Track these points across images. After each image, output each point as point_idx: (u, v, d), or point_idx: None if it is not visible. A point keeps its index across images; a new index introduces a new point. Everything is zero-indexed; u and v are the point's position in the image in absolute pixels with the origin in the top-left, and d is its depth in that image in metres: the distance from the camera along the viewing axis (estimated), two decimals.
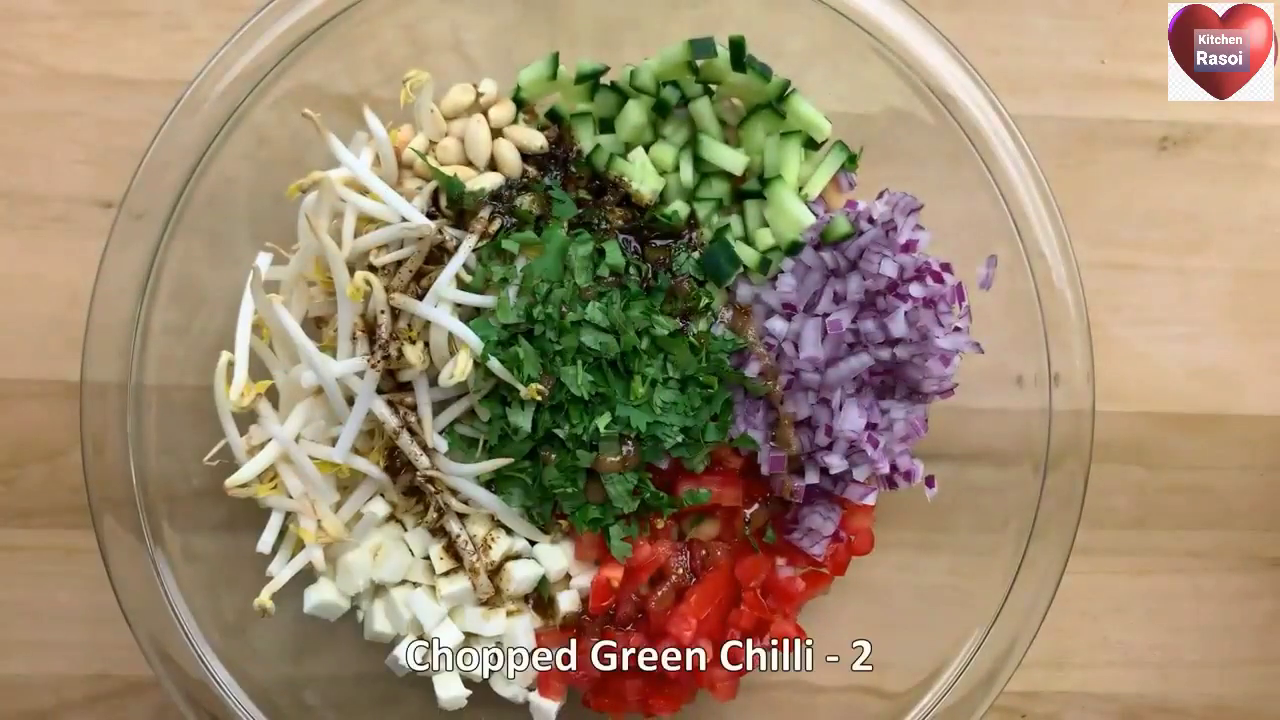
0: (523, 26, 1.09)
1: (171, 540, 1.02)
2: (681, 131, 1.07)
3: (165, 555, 1.02)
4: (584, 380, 1.00)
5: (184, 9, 1.14)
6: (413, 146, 1.04)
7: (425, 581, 1.05)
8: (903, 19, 1.02)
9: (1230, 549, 1.21)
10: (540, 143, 1.05)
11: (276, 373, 1.03)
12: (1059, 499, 1.04)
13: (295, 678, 1.09)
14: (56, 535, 1.14)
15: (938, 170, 1.05)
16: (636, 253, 1.05)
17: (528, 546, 1.06)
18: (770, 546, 1.08)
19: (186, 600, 1.02)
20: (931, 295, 1.00)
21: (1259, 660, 1.21)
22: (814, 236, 1.04)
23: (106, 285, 1.00)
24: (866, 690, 1.12)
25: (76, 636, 1.15)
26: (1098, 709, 1.21)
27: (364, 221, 1.02)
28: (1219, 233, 1.20)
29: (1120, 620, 1.21)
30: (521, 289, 1.01)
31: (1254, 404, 1.20)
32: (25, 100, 1.14)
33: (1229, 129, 1.19)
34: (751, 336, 1.04)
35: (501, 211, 1.03)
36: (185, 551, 1.03)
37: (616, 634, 1.05)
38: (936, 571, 1.12)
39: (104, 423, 1.00)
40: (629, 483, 1.02)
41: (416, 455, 1.01)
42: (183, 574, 1.02)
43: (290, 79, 1.02)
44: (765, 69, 1.02)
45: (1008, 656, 1.04)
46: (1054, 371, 1.03)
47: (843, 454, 1.03)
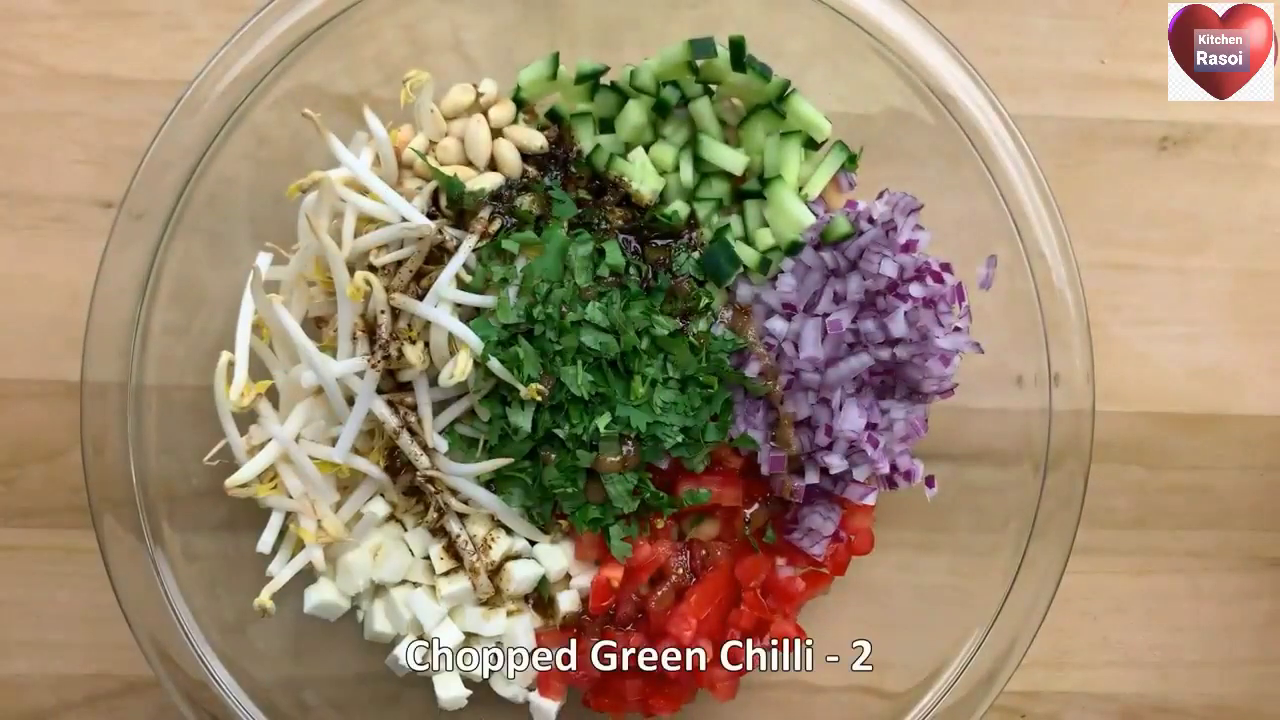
0: (523, 26, 1.09)
1: (171, 540, 1.02)
2: (681, 131, 1.07)
3: (165, 555, 1.02)
4: (584, 380, 1.00)
5: (184, 9, 1.14)
6: (413, 146, 1.04)
7: (425, 581, 1.05)
8: (903, 19, 1.02)
9: (1230, 549, 1.21)
10: (540, 143, 1.05)
11: (276, 373, 1.03)
12: (1059, 499, 1.04)
13: (295, 678, 1.09)
14: (56, 535, 1.14)
15: (938, 170, 1.05)
16: (636, 253, 1.05)
17: (528, 546, 1.06)
18: (770, 546, 1.08)
19: (186, 600, 1.02)
20: (931, 295, 1.00)
21: (1259, 660, 1.21)
22: (814, 236, 1.04)
23: (106, 285, 1.00)
24: (866, 690, 1.12)
25: (76, 636, 1.15)
26: (1098, 709, 1.21)
27: (364, 221, 1.02)
28: (1219, 233, 1.20)
29: (1120, 620, 1.21)
30: (521, 289, 1.01)
31: (1254, 404, 1.20)
32: (25, 100, 1.14)
33: (1229, 129, 1.19)
34: (751, 336, 1.04)
35: (501, 211, 1.03)
36: (185, 551, 1.03)
37: (616, 634, 1.05)
38: (936, 571, 1.12)
39: (104, 423, 1.00)
40: (629, 483, 1.02)
41: (416, 455, 1.01)
42: (183, 574, 1.02)
43: (290, 79, 1.02)
44: (765, 69, 1.02)
45: (1008, 656, 1.04)
46: (1054, 371, 1.03)
47: (843, 454, 1.04)
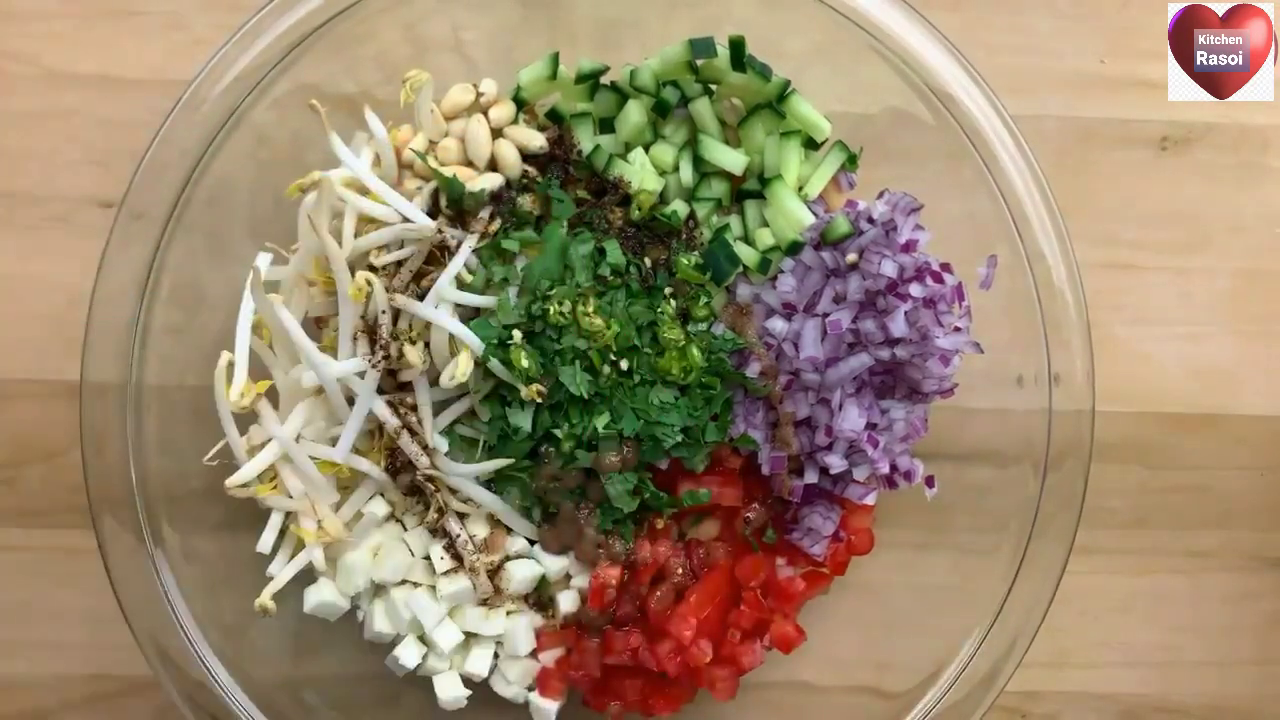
0: (523, 26, 1.09)
1: (171, 540, 1.02)
2: (681, 131, 1.07)
3: (165, 555, 1.02)
4: (583, 380, 1.00)
5: (184, 9, 1.14)
6: (413, 147, 1.04)
7: (425, 581, 1.05)
8: (902, 19, 1.02)
9: (1230, 549, 1.21)
10: (540, 143, 1.05)
11: (276, 373, 1.03)
12: (1059, 499, 1.04)
13: (295, 678, 1.09)
14: (56, 535, 1.14)
15: (938, 170, 1.05)
16: (636, 252, 1.05)
17: (527, 546, 1.06)
18: (770, 546, 1.08)
19: (186, 600, 1.02)
20: (931, 295, 1.00)
21: (1259, 660, 1.21)
22: (814, 236, 1.04)
23: (106, 285, 1.00)
24: (866, 690, 1.12)
25: (76, 636, 1.15)
26: (1098, 709, 1.21)
27: (363, 221, 1.02)
28: (1219, 233, 1.20)
29: (1120, 620, 1.21)
30: (522, 288, 1.01)
31: (1253, 404, 1.20)
32: (25, 100, 1.14)
33: (1229, 129, 1.19)
34: (751, 336, 1.04)
35: (501, 211, 1.03)
36: (185, 551, 1.03)
37: (616, 634, 1.05)
38: (936, 571, 1.12)
39: (104, 423, 1.00)
40: (629, 483, 1.02)
41: (417, 455, 1.01)
42: (183, 574, 1.02)
43: (290, 79, 1.02)
44: (765, 69, 1.02)
45: (1008, 656, 1.04)
46: (1054, 371, 1.03)
47: (843, 454, 1.04)
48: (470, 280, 1.01)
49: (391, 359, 0.99)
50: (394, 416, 1.01)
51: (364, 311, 1.00)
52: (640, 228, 1.05)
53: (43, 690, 1.16)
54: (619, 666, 1.05)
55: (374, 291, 0.98)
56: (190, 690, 1.02)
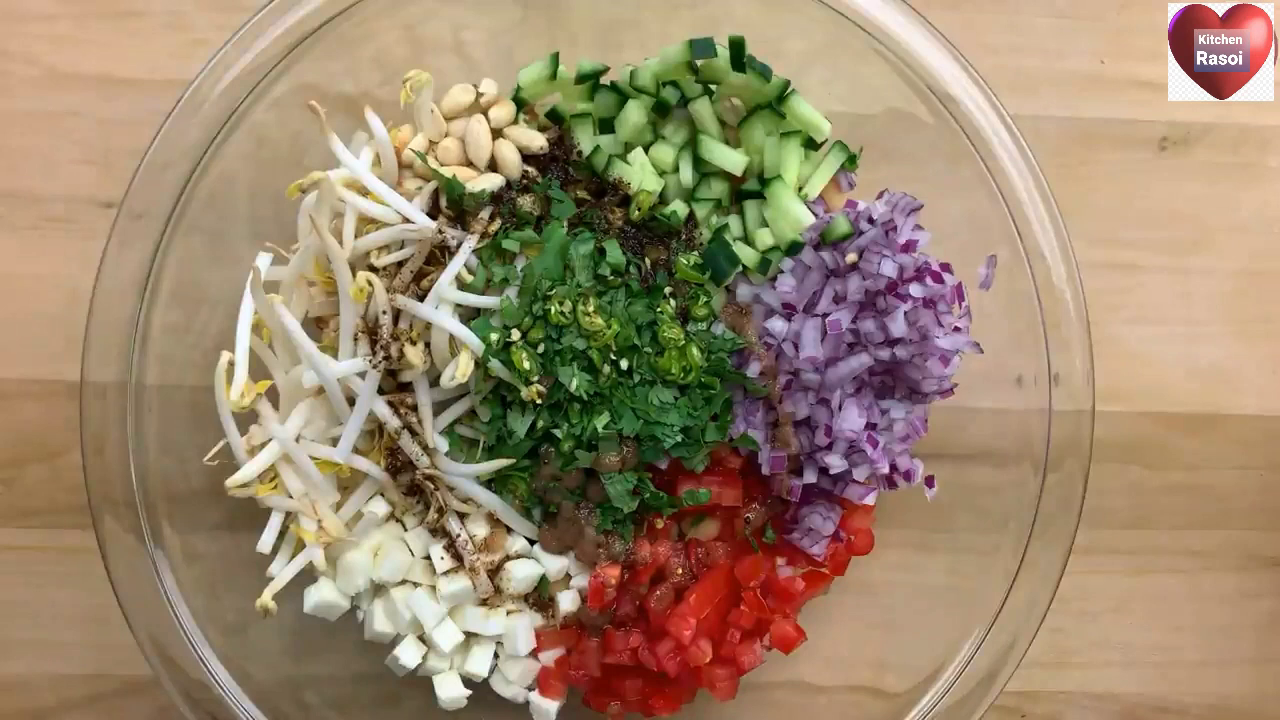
0: (523, 26, 1.09)
1: (171, 540, 1.02)
2: (681, 131, 1.07)
3: (165, 555, 1.02)
4: (581, 380, 1.00)
5: (184, 9, 1.14)
6: (413, 147, 1.04)
7: (425, 581, 1.05)
8: (903, 19, 1.02)
9: (1230, 549, 1.21)
10: (540, 143, 1.05)
11: (277, 373, 1.03)
12: (1059, 499, 1.04)
13: (295, 678, 1.09)
14: (56, 535, 1.14)
15: (938, 170, 1.05)
16: (636, 252, 1.05)
17: (527, 546, 1.06)
18: (770, 546, 1.08)
19: (186, 600, 1.02)
20: (931, 295, 1.00)
21: (1259, 660, 1.22)
22: (814, 236, 1.04)
23: (106, 285, 1.00)
24: (866, 690, 1.12)
25: (76, 636, 1.15)
26: (1098, 709, 1.21)
27: (363, 222, 1.02)
28: (1219, 233, 1.20)
29: (1120, 620, 1.21)
30: (522, 288, 1.01)
31: (1253, 404, 1.20)
32: (25, 100, 1.14)
33: (1229, 129, 1.19)
34: (751, 336, 1.05)
35: (502, 212, 1.03)
36: (185, 551, 1.03)
37: (616, 634, 1.05)
38: (936, 571, 1.12)
39: (104, 423, 1.00)
40: (628, 482, 1.03)
41: (417, 455, 1.01)
42: (183, 574, 1.02)
43: (290, 79, 1.02)
44: (765, 69, 1.02)
45: (1008, 656, 1.04)
46: (1054, 371, 1.04)
47: (842, 454, 1.04)
48: (470, 280, 1.01)
49: (392, 359, 0.99)
50: (394, 416, 1.01)
51: (364, 312, 1.00)
52: (640, 228, 1.05)
53: (42, 690, 1.16)
54: (619, 666, 1.06)
55: (375, 292, 0.98)
56: (190, 690, 1.02)
